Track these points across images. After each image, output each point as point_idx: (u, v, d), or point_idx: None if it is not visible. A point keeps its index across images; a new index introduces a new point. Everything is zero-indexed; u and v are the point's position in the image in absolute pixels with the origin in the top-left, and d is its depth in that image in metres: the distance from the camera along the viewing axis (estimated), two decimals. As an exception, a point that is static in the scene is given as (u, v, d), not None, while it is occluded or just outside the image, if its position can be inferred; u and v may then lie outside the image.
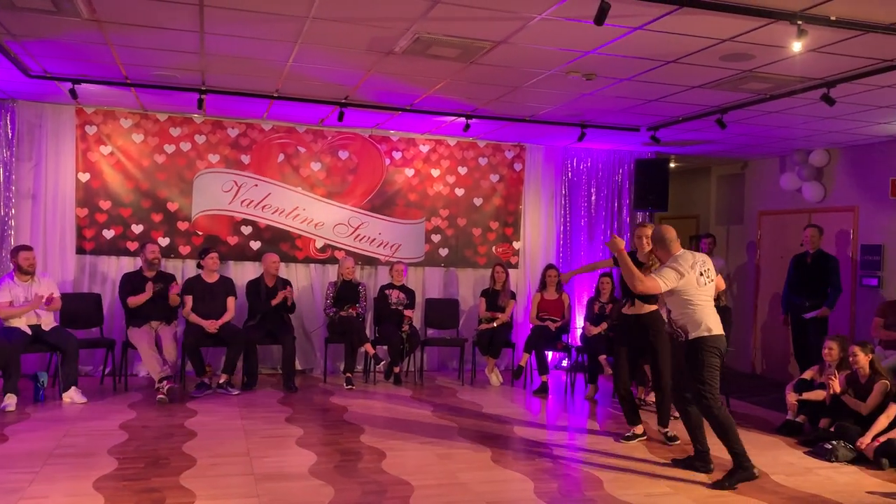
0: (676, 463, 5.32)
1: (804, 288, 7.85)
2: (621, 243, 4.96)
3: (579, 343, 8.32)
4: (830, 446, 5.62)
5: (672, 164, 9.77)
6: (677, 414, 5.52)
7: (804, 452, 5.82)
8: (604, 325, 7.77)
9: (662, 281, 4.89)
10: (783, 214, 9.45)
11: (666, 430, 5.99)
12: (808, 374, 6.54)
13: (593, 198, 9.59)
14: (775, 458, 5.65)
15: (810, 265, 7.86)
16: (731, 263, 10.29)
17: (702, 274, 4.99)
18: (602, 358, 7.56)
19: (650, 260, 5.72)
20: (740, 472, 4.89)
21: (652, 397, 7.03)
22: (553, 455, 5.49)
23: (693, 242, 9.90)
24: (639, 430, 5.99)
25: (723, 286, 5.51)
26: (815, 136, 7.99)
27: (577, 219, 9.55)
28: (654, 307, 5.84)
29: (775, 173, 9.51)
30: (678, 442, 5.87)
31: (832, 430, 5.86)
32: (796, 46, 4.47)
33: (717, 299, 7.18)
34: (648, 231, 5.78)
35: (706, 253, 9.00)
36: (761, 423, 6.82)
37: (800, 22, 4.23)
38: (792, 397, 6.43)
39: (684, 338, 5.06)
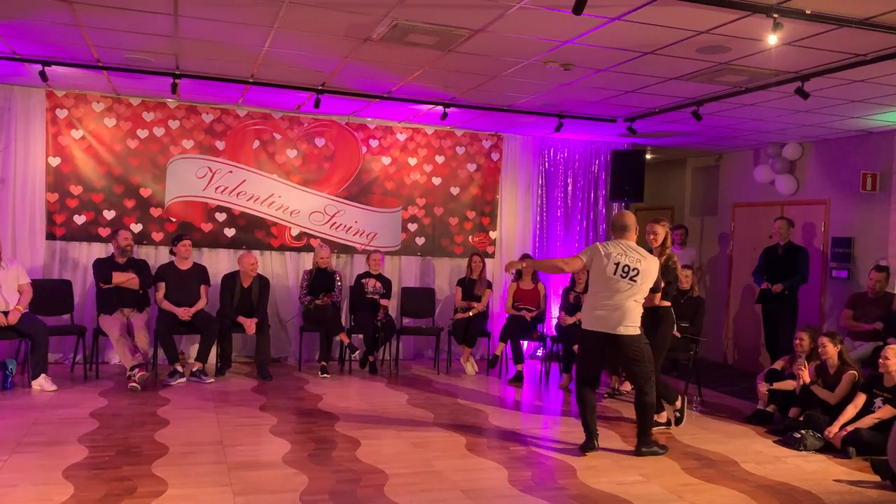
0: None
1: (775, 279, 7.95)
2: (515, 265, 5.59)
3: (554, 333, 8.36)
4: (799, 435, 5.71)
5: (648, 156, 9.83)
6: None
7: (774, 441, 5.90)
8: (578, 315, 7.79)
9: (579, 255, 5.26)
10: (756, 207, 9.55)
11: (674, 409, 6.21)
12: (778, 365, 6.63)
13: (570, 188, 9.63)
14: (745, 446, 5.73)
15: (781, 256, 7.97)
16: (705, 255, 10.39)
17: (619, 265, 5.07)
18: (576, 347, 7.58)
19: (662, 254, 5.78)
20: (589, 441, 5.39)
21: (626, 386, 7.10)
22: (527, 444, 5.52)
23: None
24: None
25: (657, 302, 5.61)
26: (789, 130, 8.08)
27: (554, 209, 9.57)
28: (666, 303, 5.83)
29: (749, 166, 9.60)
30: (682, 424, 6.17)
31: (801, 419, 5.96)
32: (772, 39, 4.50)
33: (689, 289, 7.35)
34: (658, 227, 5.84)
35: (678, 244, 9.18)
36: (732, 412, 6.91)
37: (776, 15, 4.26)
38: (762, 387, 6.52)
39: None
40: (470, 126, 8.95)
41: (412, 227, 8.99)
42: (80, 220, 7.77)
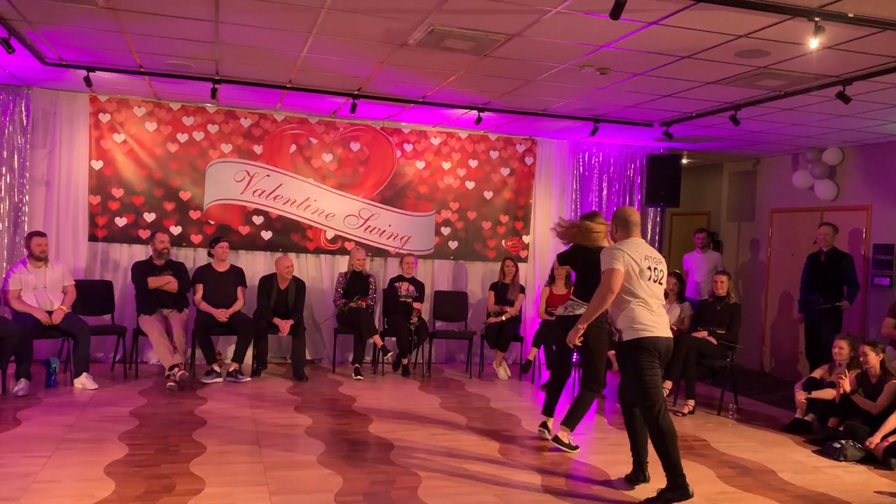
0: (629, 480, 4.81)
1: (818, 286, 7.79)
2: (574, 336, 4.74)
3: (588, 338, 8.30)
4: (839, 445, 5.61)
5: (684, 160, 9.74)
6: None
7: (813, 451, 5.81)
8: (613, 321, 7.76)
9: (614, 266, 4.42)
10: (795, 212, 9.40)
11: (569, 434, 5.48)
12: (817, 373, 6.52)
13: (605, 193, 9.57)
14: (783, 456, 5.64)
15: (824, 263, 7.81)
16: (741, 261, 10.25)
17: (650, 269, 4.50)
18: (611, 354, 7.53)
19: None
20: (673, 492, 4.39)
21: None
22: (560, 449, 5.49)
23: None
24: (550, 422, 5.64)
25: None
26: (829, 134, 7.95)
27: (588, 214, 9.51)
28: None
29: (788, 171, 9.46)
30: (576, 451, 5.42)
31: (841, 429, 5.86)
32: (813, 43, 4.44)
33: (725, 296, 7.26)
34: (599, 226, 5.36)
35: (699, 247, 9.07)
36: (770, 420, 6.81)
37: (817, 19, 4.20)
38: (801, 396, 6.42)
39: (617, 338, 4.59)
40: (504, 130, 8.96)
41: (445, 230, 9.02)
42: (121, 222, 7.94)
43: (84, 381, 6.61)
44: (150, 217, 8.01)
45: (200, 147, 8.16)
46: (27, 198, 7.63)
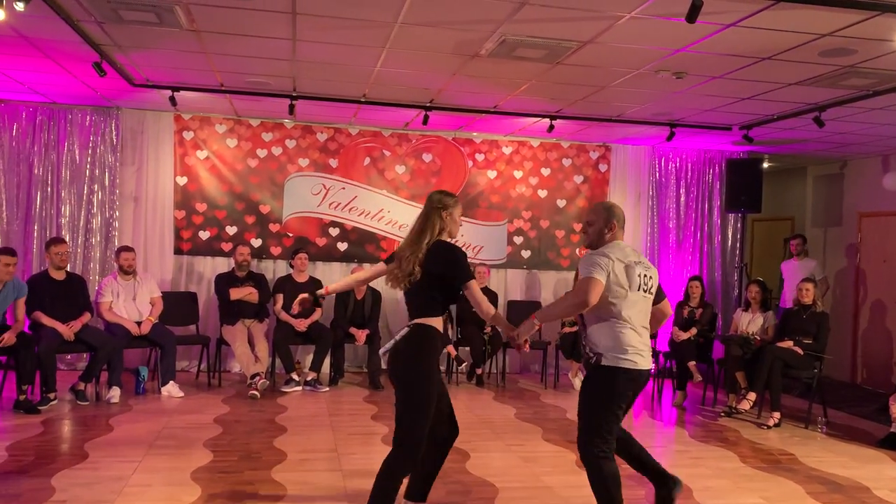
0: None
1: None
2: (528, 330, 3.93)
3: (667, 349, 8.12)
4: (940, 462, 5.31)
5: (765, 164, 9.42)
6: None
7: (910, 467, 5.51)
8: (693, 331, 7.56)
9: (595, 276, 3.57)
10: (886, 216, 8.97)
11: None
12: (914, 385, 6.19)
13: (682, 199, 9.35)
14: (879, 472, 5.37)
15: None
16: (830, 268, 9.82)
17: (640, 276, 3.67)
18: (691, 364, 7.36)
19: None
20: None
21: (744, 405, 6.80)
22: (640, 461, 5.37)
23: (785, 244, 9.54)
24: None
25: (669, 314, 4.05)
26: (923, 134, 7.57)
27: (665, 220, 9.33)
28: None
29: (877, 173, 9.03)
30: None
31: (942, 444, 5.53)
32: (904, 39, 4.25)
33: (812, 304, 6.97)
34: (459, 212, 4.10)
35: (794, 254, 8.68)
36: (862, 434, 6.50)
37: (908, 13, 4.03)
38: (896, 409, 6.10)
39: (594, 360, 3.70)
40: (577, 138, 8.88)
41: (518, 240, 8.98)
42: (204, 235, 8.23)
43: (171, 389, 6.86)
44: (232, 230, 8.28)
45: (279, 162, 8.39)
46: (117, 213, 8.02)
